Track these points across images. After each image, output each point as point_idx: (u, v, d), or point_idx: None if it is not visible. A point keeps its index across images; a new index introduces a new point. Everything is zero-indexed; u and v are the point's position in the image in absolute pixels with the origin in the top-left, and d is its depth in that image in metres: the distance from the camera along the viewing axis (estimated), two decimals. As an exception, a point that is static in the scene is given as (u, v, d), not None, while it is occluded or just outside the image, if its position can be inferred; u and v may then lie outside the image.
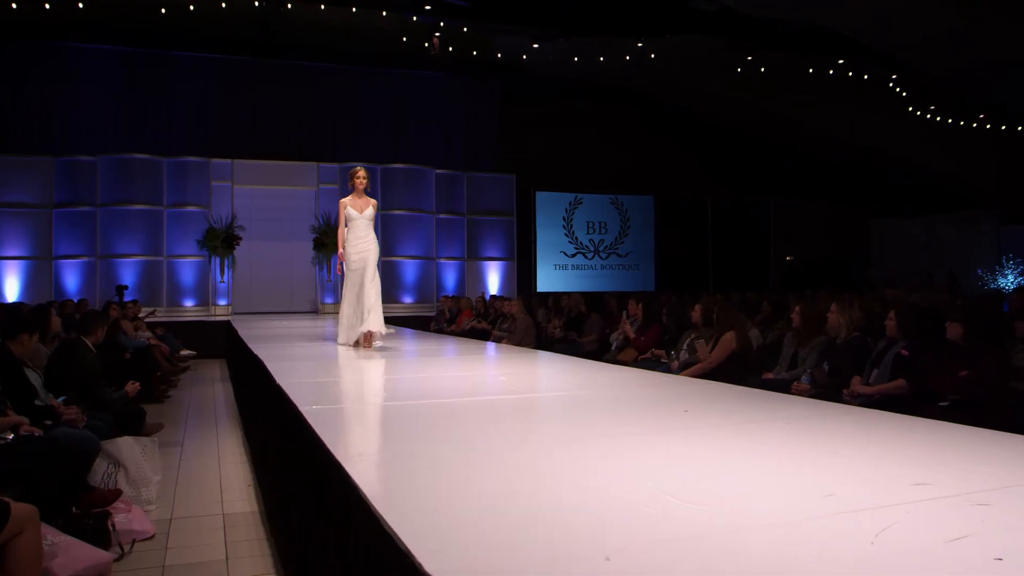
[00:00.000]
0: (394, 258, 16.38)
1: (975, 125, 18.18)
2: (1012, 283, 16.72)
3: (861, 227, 20.72)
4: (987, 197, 18.83)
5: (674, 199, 20.28)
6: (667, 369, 6.94)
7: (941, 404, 4.74)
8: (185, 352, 11.78)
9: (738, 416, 3.57)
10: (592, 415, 3.59)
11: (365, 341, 6.97)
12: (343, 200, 7.30)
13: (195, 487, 5.51)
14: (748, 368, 6.39)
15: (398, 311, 15.49)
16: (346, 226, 7.19)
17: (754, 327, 7.47)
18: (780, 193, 21.12)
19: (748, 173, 20.88)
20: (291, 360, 7.05)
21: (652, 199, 20.02)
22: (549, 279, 18.96)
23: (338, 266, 7.38)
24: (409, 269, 16.57)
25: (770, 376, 6.04)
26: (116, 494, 4.31)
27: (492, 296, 13.46)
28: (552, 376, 5.35)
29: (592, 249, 19.59)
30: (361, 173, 7.30)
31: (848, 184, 21.31)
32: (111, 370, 8.18)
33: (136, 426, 5.66)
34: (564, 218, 19.33)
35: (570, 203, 19.41)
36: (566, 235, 19.37)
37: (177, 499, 5.20)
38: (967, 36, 15.10)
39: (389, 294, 16.60)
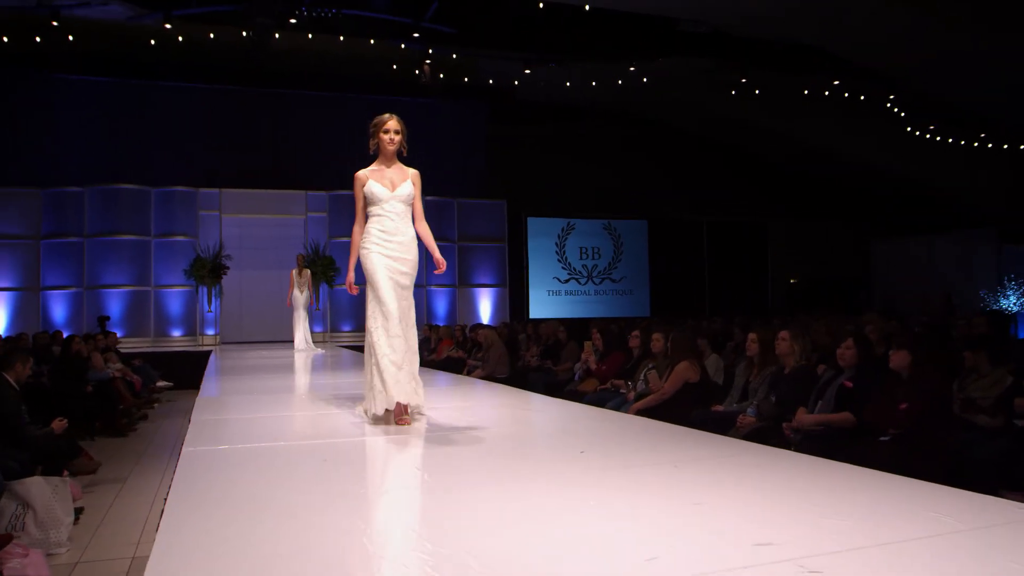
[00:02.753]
0: (384, 286, 16.21)
1: (976, 144, 17.88)
2: (1015, 304, 16.31)
3: (861, 247, 20.37)
4: (987, 216, 18.47)
5: (668, 222, 20.04)
6: (625, 399, 6.71)
7: (882, 439, 4.48)
8: (161, 383, 11.65)
9: (633, 457, 3.35)
10: (467, 459, 3.34)
11: (399, 417, 4.32)
12: (360, 173, 4.60)
13: (117, 528, 5.33)
14: (708, 399, 6.15)
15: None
16: (366, 217, 4.58)
17: (712, 355, 7.22)
18: (777, 214, 20.84)
19: (744, 194, 20.63)
20: (235, 394, 6.89)
21: (646, 223, 19.80)
22: (542, 305, 18.74)
23: (349, 287, 4.75)
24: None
25: (719, 408, 5.79)
26: (6, 539, 4.13)
27: (473, 325, 13.28)
28: (467, 411, 5.14)
29: (585, 274, 19.38)
30: (393, 124, 4.60)
31: (847, 204, 21.01)
32: (70, 403, 8.08)
33: (61, 464, 5.50)
34: (557, 243, 19.15)
35: (563, 228, 19.23)
36: (559, 261, 19.17)
37: (94, 541, 5.02)
38: (965, 57, 14.87)
39: (380, 322, 16.46)
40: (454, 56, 16.40)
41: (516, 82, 17.59)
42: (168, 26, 14.50)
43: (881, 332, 6.14)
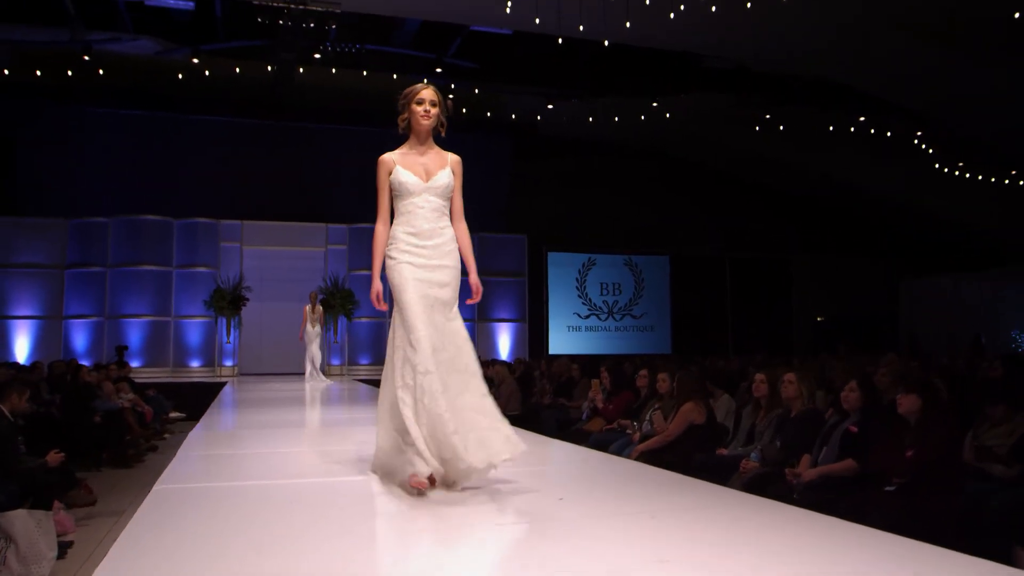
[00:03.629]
0: (403, 319, 16.19)
1: (1007, 181, 17.55)
2: (1046, 345, 15.88)
3: (889, 285, 19.98)
4: (1018, 254, 18.06)
5: (691, 258, 19.84)
6: (629, 440, 6.54)
7: (888, 488, 4.28)
8: (174, 414, 11.65)
9: (611, 506, 3.21)
10: (430, 502, 3.19)
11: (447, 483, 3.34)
12: (385, 157, 3.75)
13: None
14: (714, 441, 5.97)
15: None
16: (392, 213, 3.72)
17: (724, 396, 7.02)
18: (802, 250, 20.54)
19: (767, 230, 20.36)
20: (238, 427, 6.83)
21: (668, 259, 19.61)
22: (562, 341, 18.56)
23: (377, 299, 3.70)
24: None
25: (723, 452, 5.60)
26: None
27: (489, 360, 13.15)
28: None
29: (606, 310, 19.19)
30: (428, 94, 3.74)
31: (874, 241, 20.66)
32: (77, 432, 8.07)
33: (52, 496, 5.43)
34: (577, 279, 19.02)
35: (583, 264, 19.11)
36: (579, 296, 19.02)
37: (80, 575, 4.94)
38: (994, 93, 14.65)
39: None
40: (476, 91, 16.48)
41: (539, 117, 17.63)
42: (195, 60, 14.79)
43: (896, 374, 5.92)
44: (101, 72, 14.92)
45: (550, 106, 16.82)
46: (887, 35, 13.18)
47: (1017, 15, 11.61)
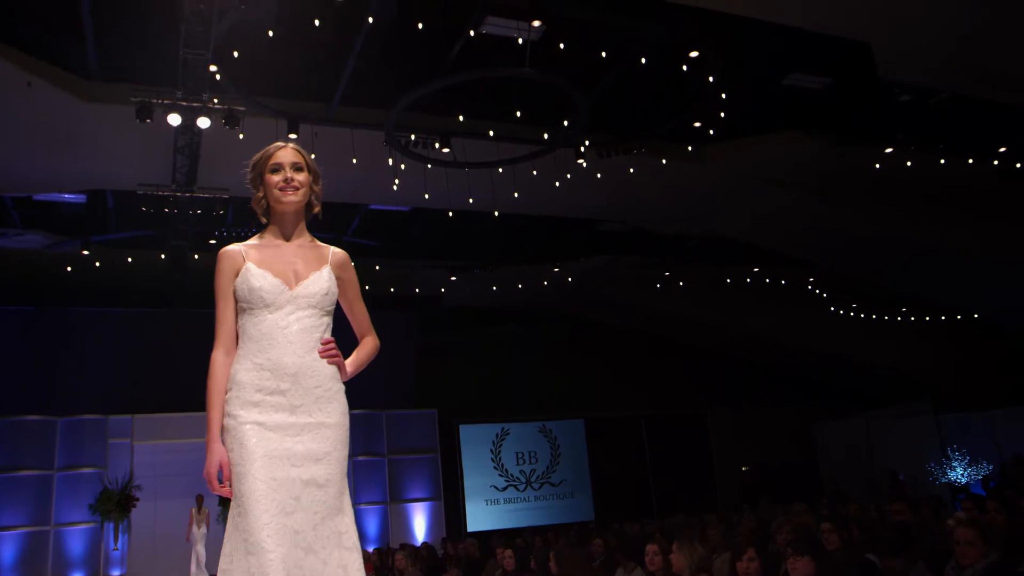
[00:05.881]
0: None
1: (899, 319, 18.21)
2: (963, 476, 15.87)
3: (805, 430, 20.03)
4: (921, 388, 18.48)
5: (605, 420, 19.60)
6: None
7: (788, 667, 3.88)
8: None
9: None
10: None
11: None
12: (232, 249, 2.75)
13: None
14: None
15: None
16: (238, 336, 2.62)
17: (637, 568, 6.56)
18: (717, 403, 20.58)
19: (679, 385, 20.43)
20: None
21: (583, 422, 19.33)
22: (480, 517, 17.73)
23: (210, 477, 2.46)
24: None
25: (621, 636, 5.11)
26: None
27: (401, 546, 12.36)
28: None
29: (524, 480, 18.57)
30: (288, 155, 2.68)
31: (786, 388, 20.91)
32: None
33: None
34: (492, 450, 18.48)
35: (497, 434, 18.64)
36: (495, 468, 18.41)
37: None
38: (876, 240, 15.39)
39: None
40: (377, 268, 16.48)
41: (442, 289, 17.65)
42: (85, 252, 14.42)
43: (796, 531, 5.61)
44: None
45: (452, 278, 16.88)
46: (771, 193, 13.83)
47: (878, 165, 12.37)
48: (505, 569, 7.21)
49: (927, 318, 18.22)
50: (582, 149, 11.70)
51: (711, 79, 10.89)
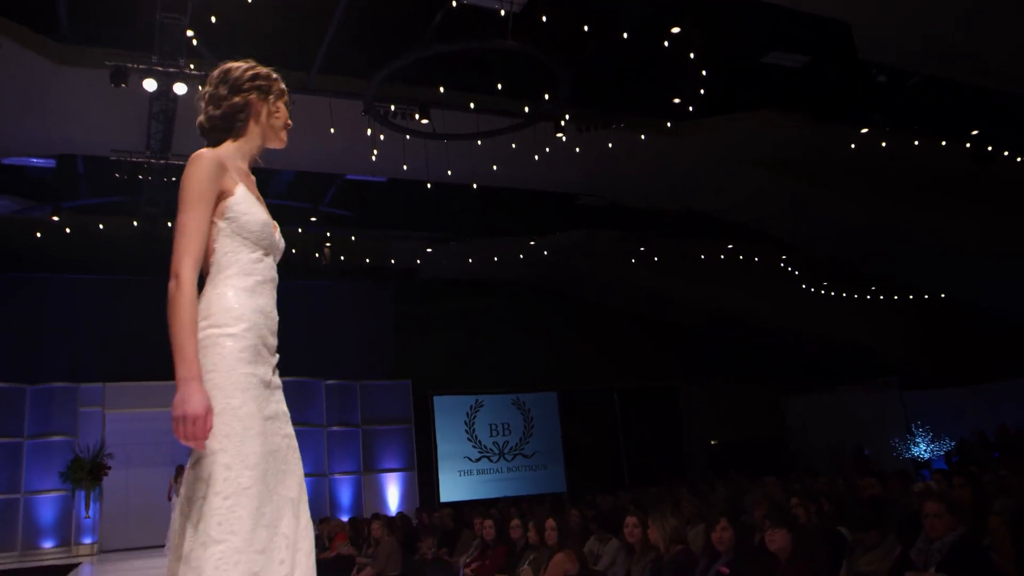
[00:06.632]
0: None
1: (868, 297, 18.51)
2: (925, 451, 16.27)
3: (775, 405, 20.35)
4: (889, 365, 18.86)
5: (578, 392, 19.78)
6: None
7: (762, 635, 4.00)
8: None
9: None
10: None
11: None
12: (215, 154, 2.34)
13: None
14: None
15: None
16: (217, 255, 2.28)
17: (613, 539, 6.66)
18: (688, 377, 20.83)
19: (653, 360, 20.63)
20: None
21: (556, 395, 19.50)
22: (454, 488, 17.88)
23: (201, 425, 1.98)
24: (299, 490, 15.43)
25: (598, 605, 5.23)
26: None
27: (373, 515, 12.42)
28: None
29: (497, 452, 18.73)
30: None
31: (756, 362, 21.18)
32: None
33: None
34: (466, 422, 18.59)
35: (471, 406, 18.75)
36: (469, 439, 18.54)
37: None
38: (851, 222, 15.59)
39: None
40: (353, 238, 16.39)
41: (418, 260, 17.61)
42: (56, 218, 14.20)
43: (769, 504, 5.74)
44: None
45: (429, 250, 16.85)
46: (746, 172, 13.93)
47: (853, 145, 12.50)
48: (484, 539, 7.32)
49: (896, 297, 18.54)
50: (562, 123, 11.67)
51: (692, 55, 10.92)
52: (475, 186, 13.56)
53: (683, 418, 20.77)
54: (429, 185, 13.15)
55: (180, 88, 9.76)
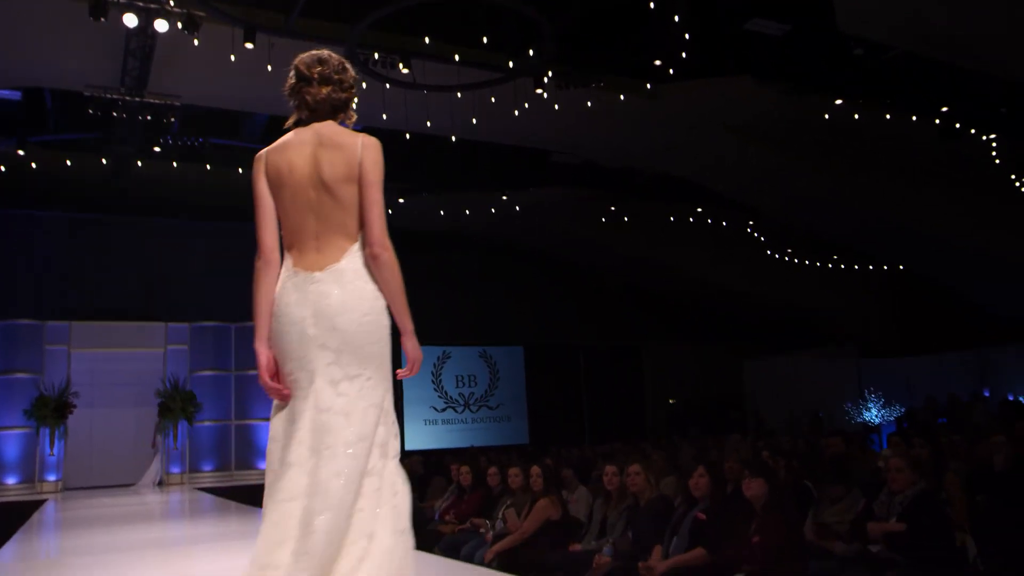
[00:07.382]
0: (249, 421, 15.39)
1: (830, 265, 18.99)
2: (876, 417, 16.90)
3: (734, 368, 20.88)
4: (847, 333, 19.43)
5: (544, 348, 20.11)
6: (483, 541, 6.30)
7: (737, 576, 4.26)
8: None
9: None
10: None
11: None
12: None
13: None
14: (569, 537, 5.83)
15: (254, 478, 14.33)
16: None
17: (581, 488, 6.93)
18: (652, 338, 21.22)
19: (619, 319, 20.99)
20: (74, 554, 6.14)
21: (522, 349, 19.80)
22: (419, 436, 18.16)
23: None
24: (267, 435, 15.50)
25: (577, 547, 5.47)
26: None
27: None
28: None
29: (462, 403, 19.02)
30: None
31: (718, 326, 21.64)
32: None
33: None
34: (432, 372, 18.81)
35: (439, 357, 18.95)
36: (435, 389, 18.79)
37: None
38: (820, 193, 15.93)
39: (246, 460, 15.47)
40: (325, 184, 16.28)
41: (390, 211, 17.51)
42: (21, 152, 13.89)
43: (742, 458, 6.03)
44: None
45: (401, 200, 16.82)
46: (721, 137, 14.12)
47: (827, 116, 12.74)
48: (461, 484, 7.54)
49: (856, 267, 19.03)
50: (544, 80, 11.70)
51: (676, 18, 11.02)
52: (453, 139, 13.54)
53: (645, 377, 21.22)
54: (408, 136, 13.11)
55: (161, 25, 9.58)
